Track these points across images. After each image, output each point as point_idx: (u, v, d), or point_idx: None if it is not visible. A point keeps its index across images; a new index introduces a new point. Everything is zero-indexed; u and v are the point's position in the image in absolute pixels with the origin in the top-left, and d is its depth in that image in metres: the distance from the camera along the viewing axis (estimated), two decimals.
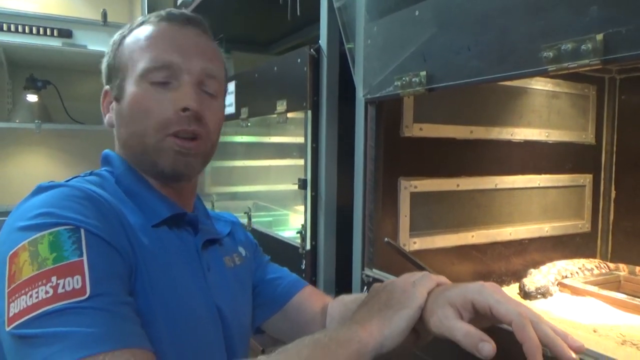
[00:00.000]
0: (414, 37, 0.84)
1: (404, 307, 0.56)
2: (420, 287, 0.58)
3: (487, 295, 0.52)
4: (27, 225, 0.53)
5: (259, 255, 0.88)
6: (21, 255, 0.50)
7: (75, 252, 0.51)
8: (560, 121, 1.28)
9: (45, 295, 0.47)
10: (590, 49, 0.57)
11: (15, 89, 2.73)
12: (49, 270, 0.49)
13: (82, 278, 0.49)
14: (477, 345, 0.49)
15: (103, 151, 0.74)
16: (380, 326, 0.55)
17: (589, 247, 1.33)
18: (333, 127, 1.21)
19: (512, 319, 0.50)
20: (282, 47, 2.34)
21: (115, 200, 0.62)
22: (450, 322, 0.53)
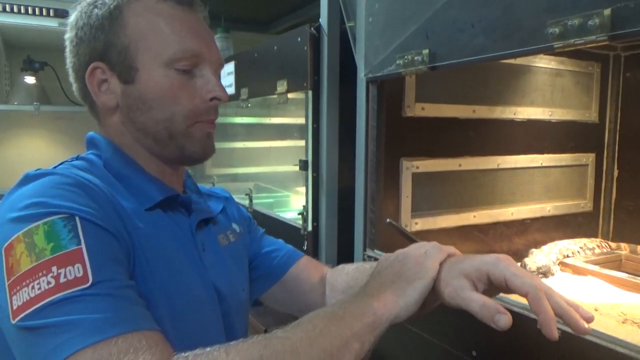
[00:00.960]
0: (416, 14, 0.82)
1: (418, 278, 0.57)
2: (433, 258, 0.58)
3: (503, 268, 0.53)
4: (19, 216, 0.52)
5: (254, 228, 0.88)
6: (17, 247, 0.50)
7: (72, 241, 0.50)
8: (564, 100, 1.26)
9: (47, 285, 0.47)
10: (597, 24, 0.55)
11: (13, 70, 2.70)
12: (48, 260, 0.49)
13: (82, 266, 0.49)
14: (493, 317, 0.50)
15: (87, 134, 0.71)
16: (394, 297, 0.55)
17: (591, 227, 1.33)
18: (334, 107, 1.20)
19: (527, 291, 0.50)
20: (282, 26, 2.31)
21: (106, 184, 0.61)
22: (466, 294, 0.54)
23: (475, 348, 0.74)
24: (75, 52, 0.69)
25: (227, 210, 0.82)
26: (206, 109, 0.68)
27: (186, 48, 0.65)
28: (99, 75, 0.67)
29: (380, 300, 0.55)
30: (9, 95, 2.67)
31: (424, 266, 0.58)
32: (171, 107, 0.66)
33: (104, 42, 0.66)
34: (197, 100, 0.67)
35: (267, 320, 1.47)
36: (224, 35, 2.03)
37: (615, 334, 0.58)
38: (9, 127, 2.73)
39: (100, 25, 0.66)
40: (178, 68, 0.65)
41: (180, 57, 0.65)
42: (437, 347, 0.80)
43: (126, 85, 0.66)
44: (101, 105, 0.68)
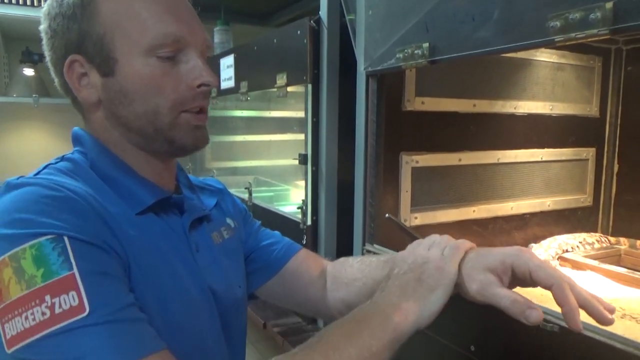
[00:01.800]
0: (416, 7, 0.81)
1: (439, 285, 0.56)
2: (452, 260, 0.58)
3: (527, 260, 0.53)
4: (3, 234, 0.49)
5: (249, 222, 0.85)
6: (4, 271, 0.47)
7: (63, 266, 0.47)
8: (565, 94, 1.26)
9: (42, 317, 0.45)
10: (599, 18, 0.55)
11: (11, 62, 2.69)
12: (40, 288, 0.46)
13: (77, 294, 0.46)
14: (524, 313, 0.50)
15: (73, 129, 0.67)
16: (416, 307, 0.54)
17: (591, 221, 1.33)
18: (334, 101, 1.19)
19: (552, 282, 0.51)
20: (281, 19, 2.29)
21: (92, 190, 0.58)
22: (495, 290, 0.53)
23: (473, 343, 0.74)
24: (51, 45, 0.63)
25: (220, 204, 0.79)
26: (193, 96, 0.62)
27: (166, 32, 0.60)
28: (77, 68, 0.62)
29: (402, 311, 0.54)
30: (8, 87, 2.66)
31: (445, 271, 0.57)
32: (154, 99, 0.61)
33: (78, 32, 0.60)
34: (182, 88, 0.62)
35: (266, 314, 1.47)
36: (224, 28, 2.02)
37: (613, 329, 0.57)
38: (8, 119, 2.72)
39: (72, 15, 0.60)
40: (160, 55, 0.60)
41: (160, 43, 0.60)
42: (436, 342, 0.80)
43: (106, 78, 0.61)
44: (82, 100, 0.63)
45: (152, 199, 0.63)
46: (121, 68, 0.60)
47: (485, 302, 0.54)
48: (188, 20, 0.63)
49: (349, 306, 0.73)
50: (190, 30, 0.62)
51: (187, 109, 0.63)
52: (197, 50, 0.63)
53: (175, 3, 0.63)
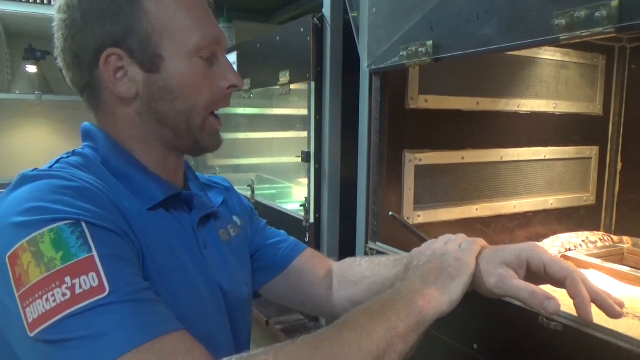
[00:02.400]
0: (420, 5, 0.81)
1: (459, 274, 0.58)
2: (470, 253, 0.61)
3: (541, 255, 0.56)
4: (21, 222, 0.49)
5: (256, 220, 0.86)
6: (22, 256, 0.47)
7: (82, 248, 0.48)
8: (569, 92, 1.26)
9: (63, 297, 0.45)
10: (604, 16, 0.55)
11: (14, 59, 2.70)
12: (60, 270, 0.47)
13: (97, 275, 0.47)
14: (542, 303, 0.52)
15: (83, 125, 0.67)
16: (439, 294, 0.56)
17: (594, 220, 1.32)
18: (337, 98, 1.19)
19: (566, 275, 0.54)
20: (284, 16, 2.29)
21: (105, 184, 0.59)
22: (513, 283, 0.56)
23: (476, 341, 0.74)
24: (76, 35, 0.62)
25: (227, 202, 0.80)
26: (224, 96, 0.67)
27: (209, 35, 0.64)
28: (114, 62, 0.62)
29: (426, 297, 0.55)
30: (11, 84, 2.67)
31: (464, 262, 0.59)
32: (194, 97, 0.64)
33: (122, 27, 0.61)
34: (215, 89, 0.65)
35: (269, 312, 1.47)
36: (227, 25, 2.02)
37: (616, 327, 0.58)
38: (11, 116, 2.73)
39: (117, 9, 0.61)
40: (202, 56, 0.64)
41: (204, 45, 0.63)
42: (439, 340, 0.80)
43: (149, 74, 0.62)
44: (117, 94, 0.63)
45: (163, 195, 0.64)
46: (167, 66, 0.63)
47: (503, 295, 0.57)
48: (216, 22, 0.67)
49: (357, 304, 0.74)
50: (222, 33, 0.67)
51: (216, 108, 0.67)
52: (224, 52, 0.68)
53: (208, 9, 0.67)
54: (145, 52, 0.62)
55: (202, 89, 0.64)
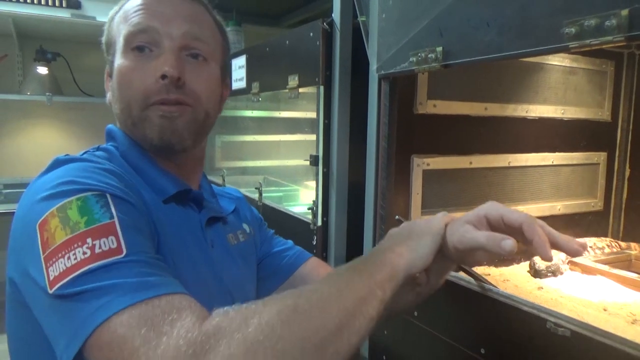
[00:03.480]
0: (430, 11, 0.82)
1: (427, 233, 0.62)
2: (438, 219, 0.65)
3: (498, 207, 0.60)
4: (51, 193, 0.53)
5: (264, 230, 0.89)
6: (51, 221, 0.51)
7: (105, 215, 0.52)
8: (577, 98, 1.26)
9: (83, 255, 0.49)
10: (614, 25, 0.55)
11: (26, 60, 2.73)
12: (83, 232, 0.50)
13: (116, 238, 0.50)
14: (500, 244, 0.55)
15: (107, 126, 0.73)
16: (409, 250, 0.60)
17: (601, 226, 1.32)
18: (345, 103, 1.20)
19: (522, 221, 0.56)
20: (293, 20, 2.31)
21: (127, 175, 0.63)
22: (472, 234, 0.59)
23: (484, 346, 0.75)
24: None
25: (239, 210, 0.83)
26: (158, 88, 0.64)
27: (135, 23, 0.65)
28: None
29: (396, 252, 0.59)
30: (22, 85, 2.70)
31: (431, 223, 0.64)
32: (129, 92, 0.65)
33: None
34: (149, 81, 0.64)
35: None
36: (236, 29, 2.03)
37: (624, 334, 0.58)
38: (22, 116, 2.76)
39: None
40: (134, 46, 0.65)
41: (130, 34, 0.65)
42: (446, 344, 0.80)
43: (111, 80, 0.70)
44: (108, 103, 0.72)
45: (174, 189, 0.67)
46: (114, 68, 0.68)
47: (465, 248, 0.60)
48: (165, 13, 0.66)
49: None
50: (164, 22, 0.65)
51: (154, 102, 0.65)
52: (174, 42, 0.65)
53: (159, 2, 0.67)
54: (110, 60, 0.70)
55: (132, 81, 0.65)
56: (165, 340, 0.44)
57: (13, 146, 2.74)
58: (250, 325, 0.45)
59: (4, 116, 2.71)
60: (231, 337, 0.44)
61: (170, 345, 0.44)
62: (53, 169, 0.58)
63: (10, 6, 2.23)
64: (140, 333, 0.45)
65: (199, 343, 0.44)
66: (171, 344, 0.44)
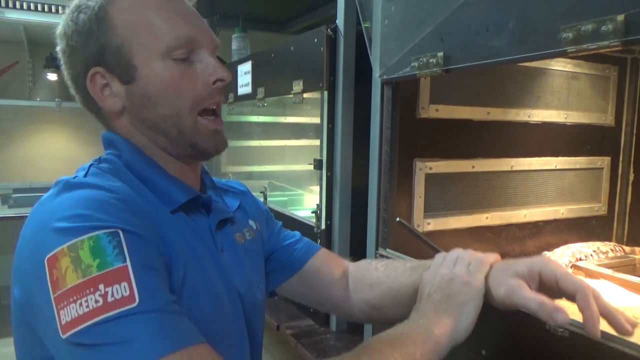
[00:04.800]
0: (431, 18, 0.83)
1: (469, 299, 0.59)
2: (479, 275, 0.61)
3: (554, 268, 0.57)
4: (64, 227, 0.52)
5: (271, 223, 0.87)
6: (62, 260, 0.50)
7: (118, 258, 0.50)
8: (580, 103, 1.26)
9: (95, 304, 0.48)
10: (610, 29, 0.56)
11: (36, 67, 2.77)
12: (95, 277, 0.49)
13: (129, 285, 0.49)
14: (551, 315, 0.53)
15: (103, 133, 0.69)
16: (452, 322, 0.58)
17: (605, 230, 1.32)
18: (349, 107, 1.21)
19: (577, 289, 0.54)
20: (298, 26, 2.33)
21: (133, 189, 0.61)
22: (523, 293, 0.56)
23: (485, 347, 0.75)
24: (70, 62, 0.66)
25: (244, 206, 0.81)
26: (209, 93, 0.65)
27: (179, 35, 0.63)
28: (99, 80, 0.65)
29: (440, 326, 0.57)
30: (32, 91, 2.74)
31: (473, 285, 0.60)
32: (176, 101, 0.64)
33: (96, 45, 0.63)
34: (199, 87, 0.64)
35: (279, 316, 1.49)
36: (241, 35, 2.06)
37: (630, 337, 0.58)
38: (31, 122, 2.80)
39: (89, 30, 0.63)
40: (175, 57, 0.63)
41: (175, 46, 0.63)
42: None
43: (128, 86, 0.64)
44: (107, 110, 0.66)
45: (184, 198, 0.66)
46: (141, 74, 0.63)
47: (512, 305, 0.57)
48: (196, 22, 0.66)
49: (373, 307, 0.76)
50: (199, 31, 0.66)
51: (206, 107, 0.65)
52: (209, 49, 0.66)
53: (182, 8, 0.66)
54: (120, 65, 0.63)
55: (182, 90, 0.63)
56: None
57: (23, 151, 2.78)
58: None
59: (14, 122, 2.75)
60: None
61: None
62: (64, 192, 0.56)
63: (21, 14, 2.27)
64: None
65: None
66: None
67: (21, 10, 2.27)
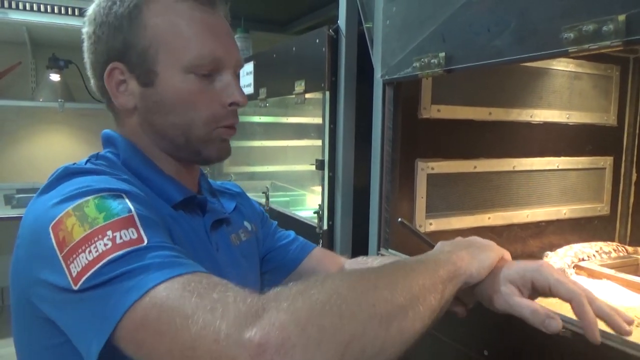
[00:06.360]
0: (433, 18, 0.83)
1: (489, 249, 0.61)
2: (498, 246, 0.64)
3: (547, 275, 0.56)
4: (66, 197, 0.52)
5: (267, 224, 0.88)
6: (67, 221, 0.50)
7: (124, 210, 0.51)
8: (582, 102, 1.26)
9: (104, 247, 0.48)
10: (611, 30, 0.56)
11: (39, 68, 2.78)
12: (102, 226, 0.49)
13: (136, 230, 0.50)
14: (543, 322, 0.53)
15: (103, 131, 0.70)
16: (470, 258, 0.59)
17: (608, 231, 1.32)
18: (351, 108, 1.21)
19: (571, 297, 0.54)
20: (300, 27, 2.33)
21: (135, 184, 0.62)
22: (515, 300, 0.57)
23: (487, 347, 0.75)
24: (94, 49, 0.67)
25: (239, 207, 0.82)
26: (225, 114, 0.66)
27: (206, 53, 0.64)
28: (117, 75, 0.65)
29: (458, 256, 0.58)
30: (35, 92, 2.75)
31: (492, 244, 0.63)
32: (190, 113, 0.65)
33: (122, 42, 0.64)
34: (216, 106, 0.65)
35: None
36: (244, 35, 2.06)
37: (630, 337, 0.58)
38: (34, 123, 2.81)
39: (119, 25, 0.64)
40: (198, 73, 0.64)
41: (200, 64, 0.64)
42: (449, 345, 0.81)
43: (145, 88, 0.65)
44: (119, 106, 0.67)
45: (180, 196, 0.67)
46: (161, 81, 0.64)
47: (504, 311, 0.58)
48: (226, 41, 0.67)
49: None
50: (227, 51, 0.66)
51: (220, 125, 0.67)
52: (232, 69, 0.67)
53: (216, 24, 0.66)
54: (142, 67, 0.64)
55: (198, 105, 0.64)
56: (222, 305, 0.42)
57: (26, 152, 2.79)
58: (313, 288, 0.43)
59: (17, 122, 2.76)
60: (294, 298, 0.42)
61: (229, 308, 0.42)
62: (66, 179, 0.56)
63: (24, 15, 2.28)
64: (190, 301, 0.43)
65: (260, 304, 0.42)
66: (230, 307, 0.42)
67: (24, 11, 2.28)
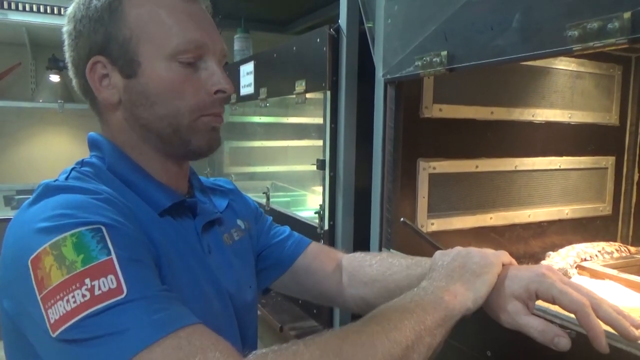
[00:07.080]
0: (435, 16, 0.82)
1: (485, 272, 0.59)
2: (495, 255, 0.62)
3: (549, 286, 0.56)
4: (45, 227, 0.50)
5: (261, 220, 0.87)
6: (45, 259, 0.49)
7: (102, 251, 0.49)
8: (584, 102, 1.25)
9: (83, 298, 0.46)
10: (617, 27, 0.55)
11: (38, 69, 2.78)
12: (80, 272, 0.48)
13: (115, 277, 0.48)
14: (552, 341, 0.54)
15: (89, 135, 0.68)
16: (465, 290, 0.57)
17: (610, 231, 1.31)
18: (352, 107, 1.21)
19: (575, 309, 0.53)
20: (301, 27, 2.33)
21: (118, 193, 0.60)
22: (523, 320, 0.56)
23: (490, 348, 0.75)
24: (74, 45, 0.65)
25: (232, 205, 0.80)
26: (211, 102, 0.65)
27: (189, 39, 0.62)
28: (99, 69, 0.64)
29: (451, 293, 0.56)
30: (35, 93, 2.74)
31: (489, 260, 0.60)
32: (175, 102, 0.63)
33: (103, 34, 0.62)
34: (201, 94, 0.64)
35: (282, 318, 1.48)
36: (244, 35, 2.06)
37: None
38: (34, 124, 2.81)
39: (99, 17, 0.62)
40: (182, 61, 0.62)
41: (183, 50, 0.62)
42: (452, 346, 0.80)
43: (128, 80, 0.63)
44: (103, 101, 0.65)
45: (169, 202, 0.65)
46: (144, 71, 0.63)
47: (514, 329, 0.57)
48: (208, 28, 0.66)
49: (369, 304, 0.74)
50: (210, 38, 0.65)
51: (205, 113, 0.65)
52: (216, 57, 0.66)
53: (197, 12, 0.65)
54: (124, 58, 0.63)
55: (183, 93, 0.63)
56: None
57: (25, 153, 2.79)
58: None
59: (17, 123, 2.76)
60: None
61: None
62: (44, 197, 0.55)
63: (24, 16, 2.28)
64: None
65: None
66: None
67: (24, 12, 2.28)
